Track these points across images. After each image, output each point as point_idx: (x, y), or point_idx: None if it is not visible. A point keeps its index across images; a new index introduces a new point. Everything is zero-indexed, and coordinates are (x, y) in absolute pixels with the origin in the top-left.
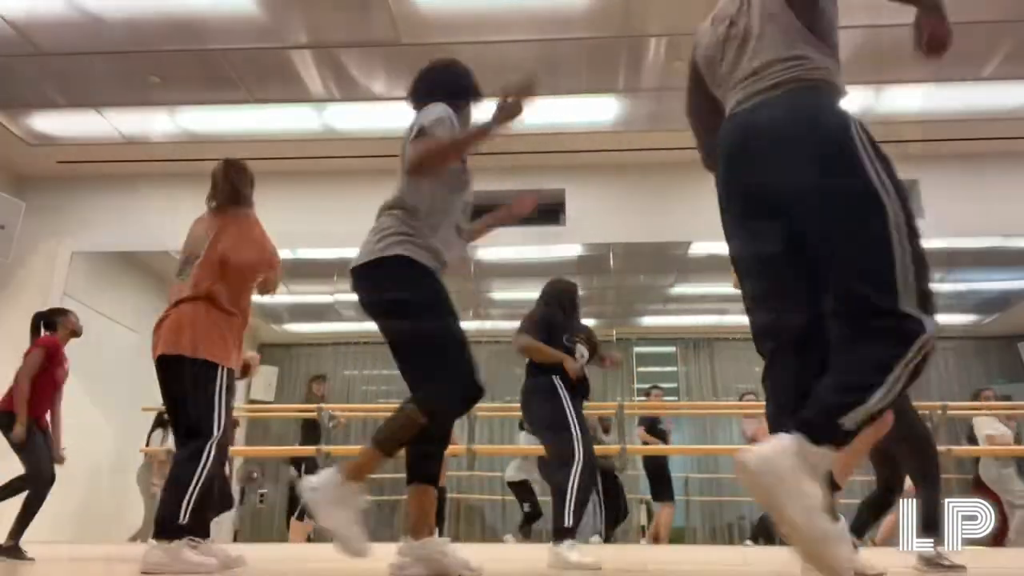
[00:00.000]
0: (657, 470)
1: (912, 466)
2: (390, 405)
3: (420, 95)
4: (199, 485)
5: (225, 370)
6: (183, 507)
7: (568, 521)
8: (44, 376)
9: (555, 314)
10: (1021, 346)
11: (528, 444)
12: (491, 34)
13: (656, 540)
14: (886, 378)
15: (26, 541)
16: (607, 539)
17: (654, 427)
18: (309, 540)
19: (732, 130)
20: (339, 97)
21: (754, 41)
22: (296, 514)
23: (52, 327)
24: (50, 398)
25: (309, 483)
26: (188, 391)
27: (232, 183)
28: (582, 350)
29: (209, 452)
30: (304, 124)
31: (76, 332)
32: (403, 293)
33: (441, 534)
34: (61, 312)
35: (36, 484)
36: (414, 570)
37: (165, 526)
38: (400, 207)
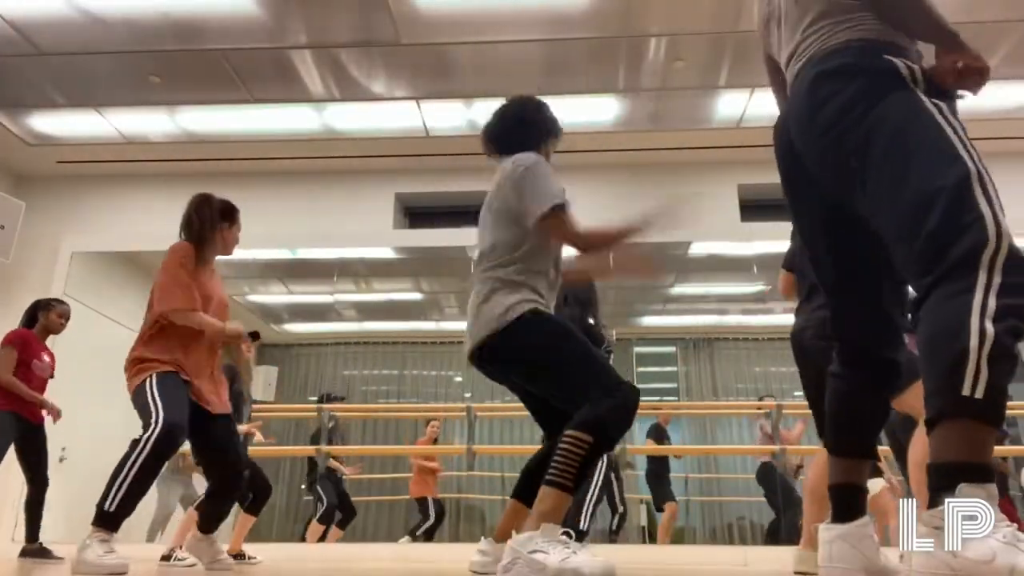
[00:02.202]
0: (658, 478)
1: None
2: (390, 405)
3: (508, 141)
4: (131, 474)
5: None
6: (111, 494)
7: (584, 524)
8: (20, 371)
9: (574, 313)
10: (1021, 346)
11: None
12: (491, 34)
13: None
14: None
15: (49, 542)
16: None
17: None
18: (321, 540)
19: (776, 133)
20: (339, 97)
21: (784, 22)
22: (319, 517)
23: (35, 320)
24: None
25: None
26: None
27: None
28: (610, 336)
29: (144, 443)
30: (304, 124)
31: (50, 329)
32: (539, 335)
33: (431, 537)
34: (44, 306)
35: (35, 487)
36: (495, 567)
37: (95, 512)
38: (505, 262)
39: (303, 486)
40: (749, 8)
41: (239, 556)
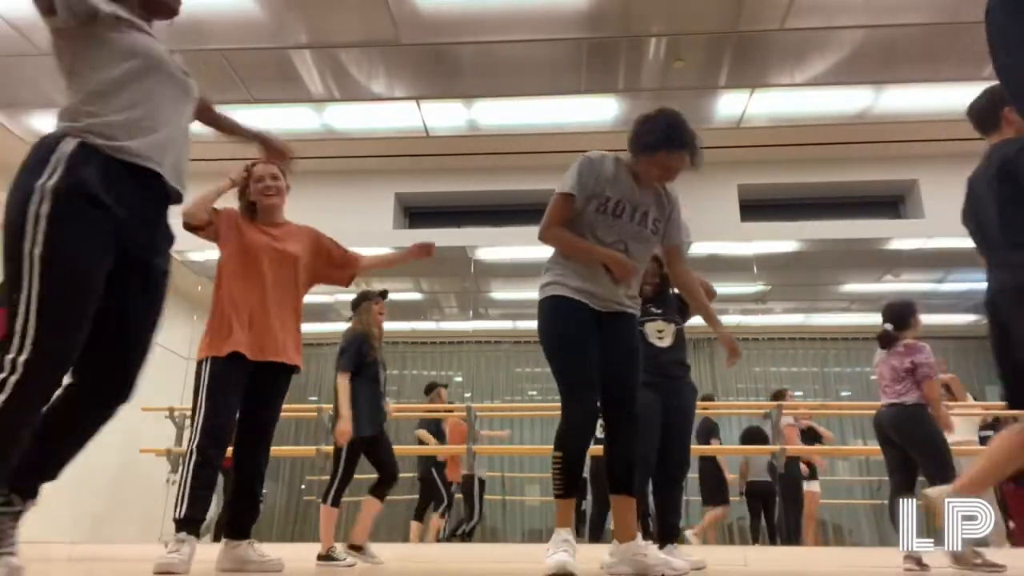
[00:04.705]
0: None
1: (929, 468)
2: (390, 406)
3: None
4: (188, 481)
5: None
6: (177, 502)
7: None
8: None
9: None
10: None
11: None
12: (491, 34)
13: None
14: None
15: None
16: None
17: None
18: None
19: None
20: (339, 97)
21: None
22: (415, 515)
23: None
24: None
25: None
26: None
27: None
28: (659, 327)
29: (189, 454)
30: (304, 124)
31: None
32: (542, 319)
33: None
34: None
35: None
36: (620, 568)
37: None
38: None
39: (302, 486)
40: (749, 8)
41: (358, 549)
